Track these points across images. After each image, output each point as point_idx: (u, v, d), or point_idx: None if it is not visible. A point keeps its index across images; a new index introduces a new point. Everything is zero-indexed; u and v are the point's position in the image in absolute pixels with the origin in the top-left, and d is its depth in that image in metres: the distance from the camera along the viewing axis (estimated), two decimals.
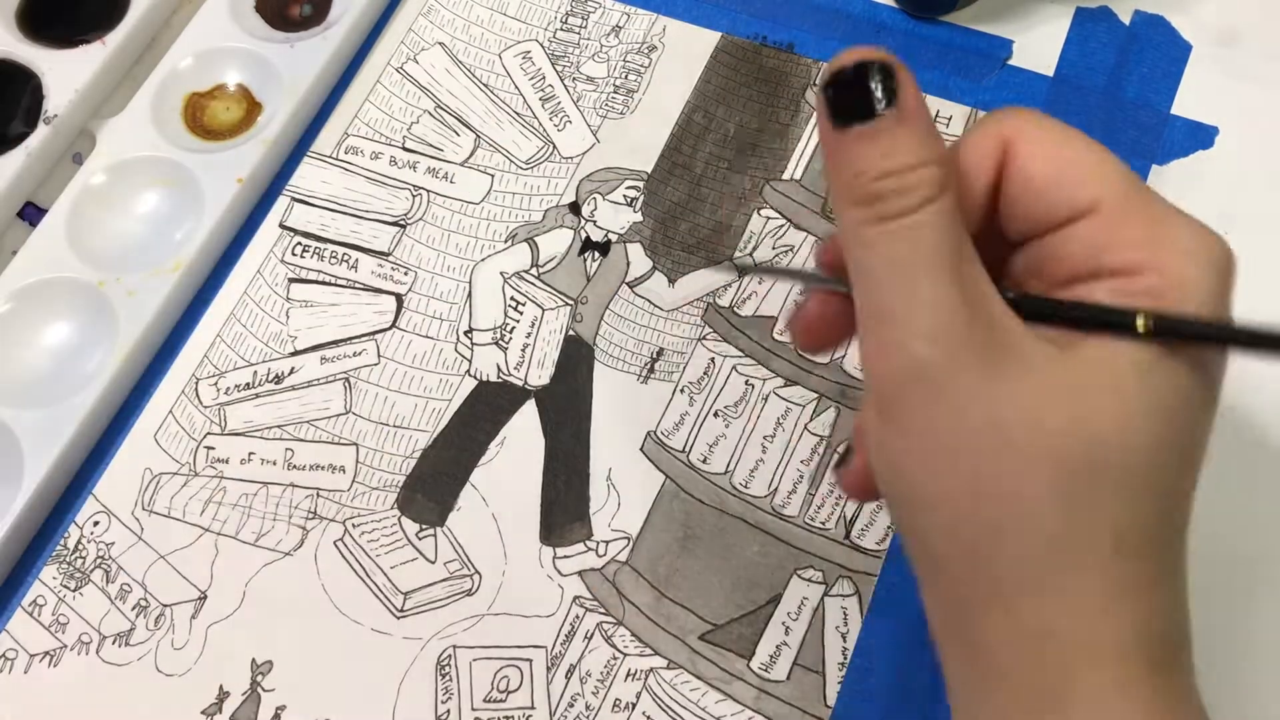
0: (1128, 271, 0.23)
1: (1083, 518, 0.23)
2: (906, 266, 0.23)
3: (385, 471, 0.38)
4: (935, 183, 0.23)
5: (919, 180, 0.23)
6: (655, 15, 0.45)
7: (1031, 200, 0.25)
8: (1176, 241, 0.23)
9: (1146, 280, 0.23)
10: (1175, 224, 0.24)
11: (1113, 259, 0.24)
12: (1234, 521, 0.35)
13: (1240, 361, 0.25)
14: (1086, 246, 0.24)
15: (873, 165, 0.23)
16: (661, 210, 0.42)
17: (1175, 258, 0.23)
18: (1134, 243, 0.23)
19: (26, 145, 0.43)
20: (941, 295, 0.23)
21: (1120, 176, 0.24)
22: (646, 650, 0.35)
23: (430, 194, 0.43)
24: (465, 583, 0.36)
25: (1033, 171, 0.24)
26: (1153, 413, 0.23)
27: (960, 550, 0.24)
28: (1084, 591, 0.23)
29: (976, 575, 0.24)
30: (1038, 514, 0.23)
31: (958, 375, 0.23)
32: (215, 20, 0.45)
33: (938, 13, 0.44)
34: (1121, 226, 0.24)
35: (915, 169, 0.23)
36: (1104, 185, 0.24)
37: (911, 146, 0.23)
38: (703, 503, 0.37)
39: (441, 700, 0.35)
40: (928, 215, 0.23)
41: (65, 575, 0.37)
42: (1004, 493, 0.23)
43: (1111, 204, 0.24)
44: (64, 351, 0.40)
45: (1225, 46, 0.43)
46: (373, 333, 0.41)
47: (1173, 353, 0.23)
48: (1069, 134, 0.25)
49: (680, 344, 0.39)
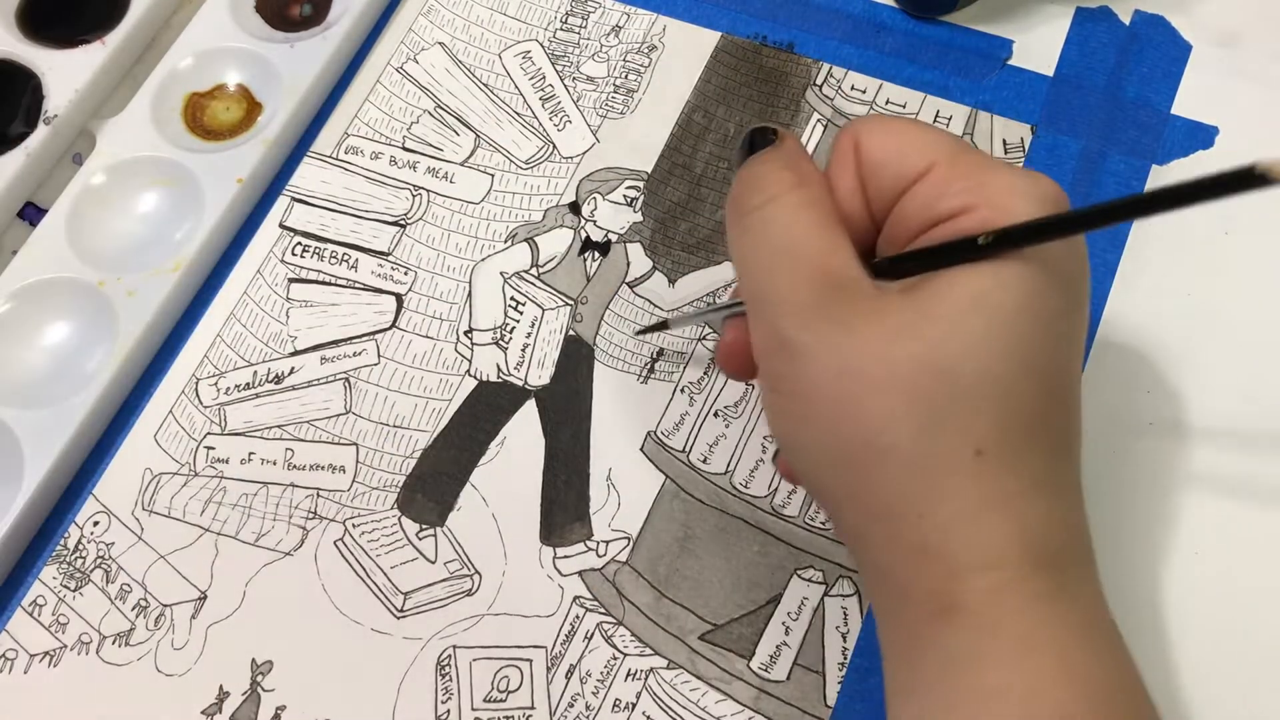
0: (959, 213, 0.26)
1: (938, 438, 0.25)
2: (763, 253, 0.27)
3: (385, 471, 0.38)
4: (782, 182, 0.28)
5: (769, 181, 0.28)
6: (655, 15, 0.45)
7: (880, 180, 0.28)
8: (1001, 182, 0.26)
9: (977, 216, 0.26)
10: (1001, 170, 0.27)
11: (945, 205, 0.26)
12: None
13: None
14: (923, 202, 0.27)
15: (745, 181, 0.29)
16: (661, 210, 0.42)
17: (1001, 195, 0.26)
18: (962, 190, 0.26)
19: (26, 145, 0.43)
20: (793, 274, 0.26)
21: (949, 142, 0.28)
22: (646, 650, 0.35)
23: (430, 194, 0.43)
24: (465, 583, 0.37)
25: (876, 156, 0.28)
26: (994, 332, 0.25)
27: (843, 483, 0.26)
28: (951, 505, 0.25)
29: (859, 505, 0.26)
30: (895, 441, 0.25)
31: (814, 338, 0.26)
32: (215, 20, 0.45)
33: (938, 13, 0.44)
34: (951, 180, 0.27)
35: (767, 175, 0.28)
36: (934, 150, 0.27)
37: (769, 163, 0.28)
38: (703, 503, 0.37)
39: (441, 700, 0.35)
40: (776, 209, 0.27)
41: (65, 575, 0.37)
42: (864, 427, 0.25)
43: (942, 163, 0.27)
44: (64, 351, 0.40)
45: (1225, 46, 0.43)
46: (373, 333, 0.41)
47: (1006, 275, 0.25)
48: (903, 121, 0.29)
49: (680, 344, 0.39)
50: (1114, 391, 0.37)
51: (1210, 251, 0.39)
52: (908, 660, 0.27)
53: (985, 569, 0.25)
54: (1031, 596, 0.25)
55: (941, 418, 0.25)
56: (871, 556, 0.27)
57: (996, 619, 0.25)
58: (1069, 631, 0.25)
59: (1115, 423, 0.37)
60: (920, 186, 0.27)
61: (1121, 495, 0.36)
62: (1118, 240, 0.39)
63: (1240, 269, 0.39)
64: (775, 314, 0.26)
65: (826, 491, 0.28)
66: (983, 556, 0.25)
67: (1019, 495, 0.25)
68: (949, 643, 0.25)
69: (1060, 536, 0.26)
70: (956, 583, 0.25)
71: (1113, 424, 0.37)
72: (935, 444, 0.25)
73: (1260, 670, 0.33)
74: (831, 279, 0.26)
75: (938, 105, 0.42)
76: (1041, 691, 0.24)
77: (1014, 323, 0.25)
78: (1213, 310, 0.38)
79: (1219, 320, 0.38)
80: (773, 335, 0.27)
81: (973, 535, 0.25)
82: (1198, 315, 0.38)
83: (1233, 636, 0.34)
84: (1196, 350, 0.38)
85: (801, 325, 0.26)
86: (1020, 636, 0.25)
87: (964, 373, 0.25)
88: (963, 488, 0.25)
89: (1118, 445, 0.36)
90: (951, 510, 0.25)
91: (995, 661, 0.25)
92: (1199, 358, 0.37)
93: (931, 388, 0.25)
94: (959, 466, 0.25)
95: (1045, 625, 0.25)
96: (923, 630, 0.26)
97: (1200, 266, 0.39)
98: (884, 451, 0.25)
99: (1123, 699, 0.25)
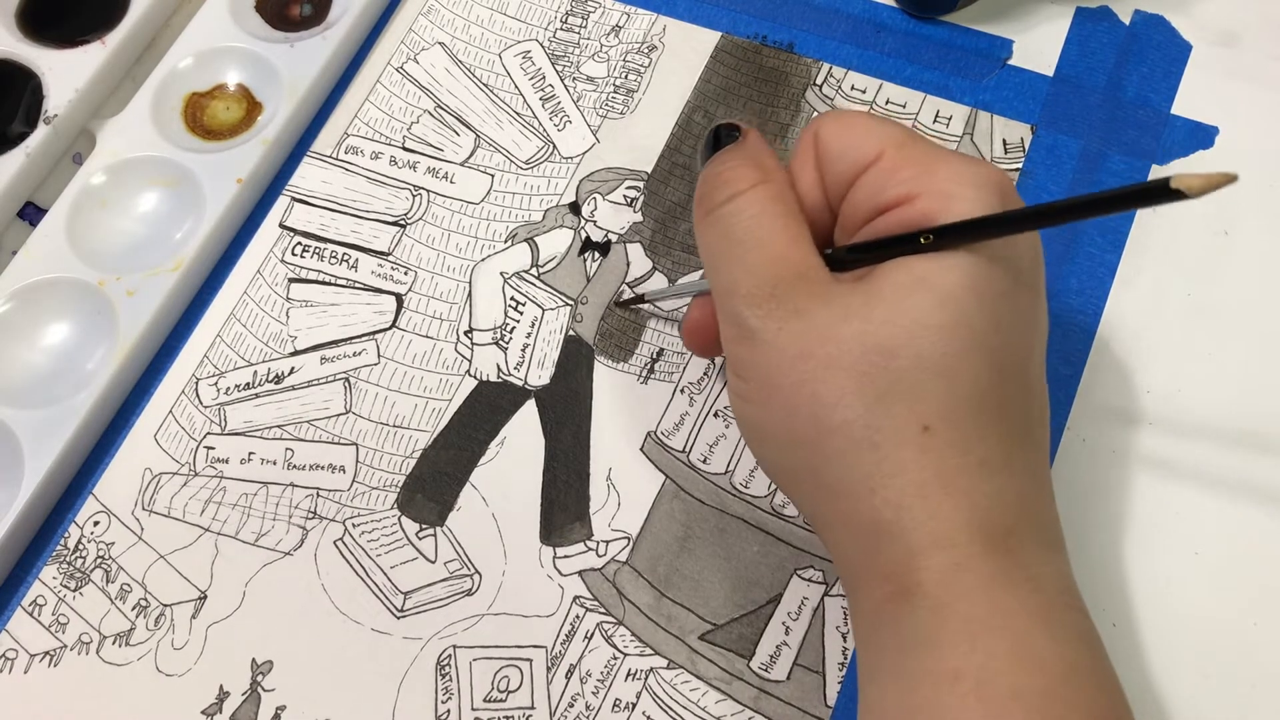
0: (902, 200, 0.27)
1: (886, 414, 0.25)
2: (726, 247, 0.28)
3: (385, 471, 0.38)
4: (745, 179, 0.29)
5: (731, 178, 0.29)
6: (655, 15, 0.45)
7: (836, 170, 0.29)
8: (946, 170, 0.27)
9: (921, 204, 0.27)
10: (946, 158, 0.27)
11: (890, 193, 0.27)
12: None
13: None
14: (871, 190, 0.28)
15: (710, 178, 0.30)
16: (661, 210, 0.42)
17: (944, 183, 0.27)
18: (908, 178, 0.27)
19: (26, 145, 0.43)
20: (755, 267, 0.28)
21: (898, 132, 0.28)
22: (646, 650, 0.35)
23: (430, 194, 0.43)
24: (465, 583, 0.37)
25: (833, 147, 0.29)
26: (935, 310, 0.26)
27: (800, 462, 0.27)
28: (902, 481, 0.25)
29: (816, 484, 0.27)
30: (847, 417, 0.26)
31: (772, 324, 0.27)
32: (215, 20, 0.45)
33: (938, 13, 0.44)
34: (897, 168, 0.27)
35: (731, 172, 0.29)
36: (883, 139, 0.28)
37: (732, 159, 0.29)
38: (703, 503, 0.37)
39: (441, 700, 0.35)
40: (739, 204, 0.28)
41: (65, 575, 0.37)
42: (817, 406, 0.26)
43: (890, 152, 0.28)
44: (64, 351, 0.40)
45: (1225, 46, 0.43)
46: (373, 332, 0.41)
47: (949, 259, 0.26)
48: (857, 113, 0.30)
49: (680, 344, 0.39)
50: (1114, 391, 0.37)
51: (1210, 251, 0.39)
52: (872, 643, 0.27)
53: (937, 548, 0.25)
54: (986, 578, 0.25)
55: (888, 394, 0.25)
56: (832, 537, 0.28)
57: (950, 601, 0.25)
58: (1025, 613, 0.25)
59: (1115, 423, 0.37)
60: (868, 174, 0.28)
61: (1122, 495, 0.36)
62: (1117, 241, 0.39)
63: (1240, 269, 0.39)
64: (738, 305, 0.28)
65: (786, 473, 0.28)
66: (933, 535, 0.25)
67: (967, 472, 0.26)
68: (905, 625, 0.26)
69: (1013, 517, 0.26)
70: (911, 563, 0.25)
71: (1113, 424, 0.37)
72: (884, 419, 0.25)
73: (1260, 670, 0.33)
74: (791, 269, 0.27)
75: (938, 105, 0.42)
76: (996, 674, 0.24)
77: (958, 301, 0.26)
78: (1213, 310, 0.38)
79: (1219, 320, 0.38)
80: (736, 324, 0.28)
81: (922, 512, 0.25)
82: (1198, 315, 0.38)
83: (1233, 636, 0.34)
84: (1196, 350, 0.38)
85: (763, 315, 0.27)
86: (975, 619, 0.25)
87: (907, 350, 0.25)
88: (912, 462, 0.25)
89: (1118, 445, 0.36)
90: (901, 485, 0.25)
91: (950, 644, 0.25)
92: (1199, 358, 0.37)
93: (878, 364, 0.26)
94: (907, 440, 0.25)
95: (999, 607, 0.25)
96: (882, 612, 0.26)
97: (1200, 266, 0.39)
98: (836, 428, 0.26)
99: (1080, 680, 0.25)
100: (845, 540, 0.27)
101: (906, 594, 0.26)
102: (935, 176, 0.27)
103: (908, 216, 0.27)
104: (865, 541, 0.26)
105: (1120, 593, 0.34)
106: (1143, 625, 0.34)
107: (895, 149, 0.28)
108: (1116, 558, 0.35)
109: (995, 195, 0.26)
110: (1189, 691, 0.33)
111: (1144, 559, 0.35)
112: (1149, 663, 0.34)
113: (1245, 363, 0.37)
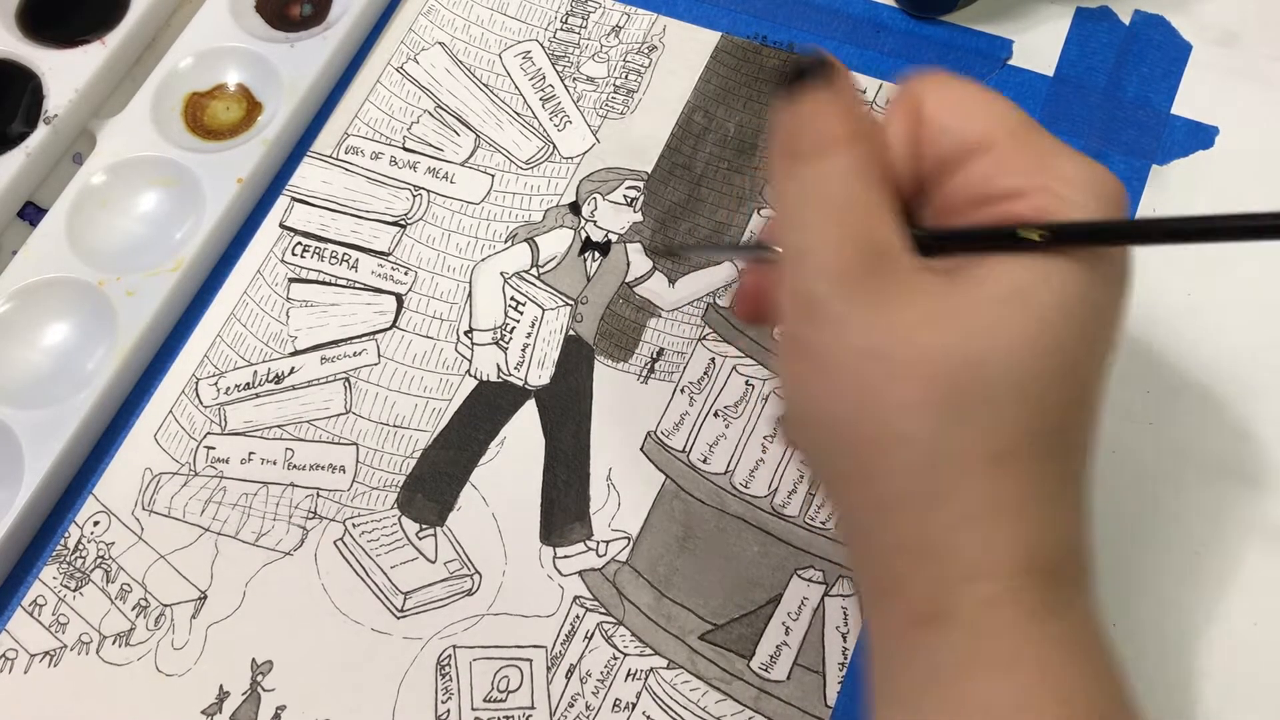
0: (1015, 195, 0.25)
1: (956, 434, 0.24)
2: (812, 207, 0.26)
3: (385, 471, 0.38)
4: (840, 133, 0.26)
5: (826, 127, 0.26)
6: (655, 15, 0.45)
7: (939, 145, 0.27)
8: (1063, 169, 0.25)
9: (1033, 201, 0.25)
10: (1063, 155, 0.25)
11: (1002, 184, 0.25)
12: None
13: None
14: (980, 177, 0.26)
15: (797, 121, 0.27)
16: (661, 210, 0.42)
17: (1060, 183, 0.25)
18: (1022, 170, 0.25)
19: (26, 145, 0.43)
20: (837, 236, 0.25)
21: (1014, 116, 0.26)
22: (646, 650, 0.35)
23: (430, 194, 0.43)
24: (465, 583, 0.37)
25: (941, 120, 0.27)
26: (1032, 330, 0.24)
27: (850, 466, 0.25)
28: (960, 505, 0.24)
29: (865, 490, 0.25)
30: (913, 431, 0.24)
31: (846, 307, 0.24)
32: (215, 20, 0.45)
33: (938, 13, 0.44)
34: (1012, 157, 0.25)
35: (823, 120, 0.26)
36: (998, 123, 0.26)
37: (826, 105, 0.26)
38: (703, 503, 0.37)
39: (441, 700, 0.35)
40: (832, 164, 0.26)
41: (65, 575, 0.37)
42: (883, 412, 0.24)
43: (1004, 139, 0.26)
44: (64, 351, 0.40)
45: (1225, 46, 0.43)
46: (373, 333, 0.41)
47: (1052, 271, 0.24)
48: (968, 85, 0.27)
49: (680, 344, 0.39)
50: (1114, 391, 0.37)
51: (1210, 251, 0.39)
52: (896, 664, 0.26)
53: (982, 578, 0.24)
54: (1025, 611, 0.24)
55: (965, 414, 0.24)
56: (868, 548, 0.26)
57: (987, 631, 0.24)
58: (1060, 649, 0.24)
59: (1115, 423, 0.37)
60: (978, 160, 0.26)
61: (1121, 495, 0.36)
62: None
63: (1240, 269, 0.39)
64: (814, 275, 0.25)
65: (831, 470, 0.26)
66: (980, 565, 0.24)
67: (1030, 503, 0.24)
68: (937, 651, 0.25)
69: (1061, 551, 0.25)
70: (951, 588, 0.24)
71: (1113, 424, 0.37)
72: (954, 440, 0.24)
73: (1261, 669, 0.33)
74: (876, 248, 0.25)
75: None
76: (1027, 708, 0.24)
77: (1054, 323, 0.24)
78: (1213, 310, 0.38)
79: (1219, 320, 0.38)
80: (806, 295, 0.25)
81: (976, 539, 0.24)
82: (1198, 315, 0.38)
83: (1233, 635, 0.34)
84: (1196, 350, 0.38)
85: (837, 293, 0.25)
86: (1010, 651, 0.24)
87: (995, 372, 0.23)
88: (975, 489, 0.24)
89: (1118, 445, 0.36)
90: (959, 510, 0.24)
91: (984, 675, 0.24)
92: (1199, 358, 0.37)
93: (959, 381, 0.23)
94: (975, 467, 0.24)
95: (1034, 641, 0.24)
96: (911, 634, 0.25)
97: (1200, 266, 0.39)
98: (899, 440, 0.24)
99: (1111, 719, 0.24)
100: (881, 554, 0.26)
101: (939, 619, 0.24)
102: (1051, 174, 0.25)
103: (1018, 212, 0.25)
104: (905, 559, 0.25)
105: (1120, 593, 0.34)
106: (1143, 624, 0.34)
107: (1008, 136, 0.26)
108: (1116, 558, 0.35)
109: (1115, 209, 0.25)
110: (1189, 691, 0.33)
111: (1144, 559, 0.35)
112: (1149, 663, 0.34)
113: (1245, 362, 0.37)
